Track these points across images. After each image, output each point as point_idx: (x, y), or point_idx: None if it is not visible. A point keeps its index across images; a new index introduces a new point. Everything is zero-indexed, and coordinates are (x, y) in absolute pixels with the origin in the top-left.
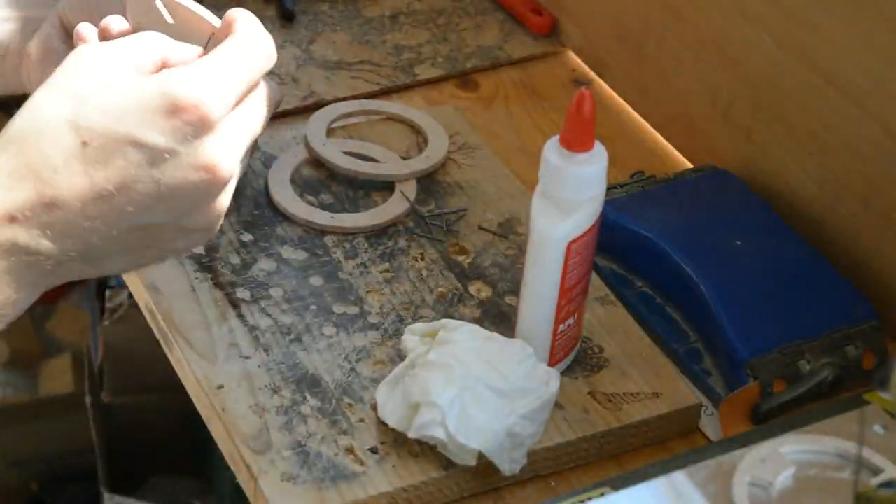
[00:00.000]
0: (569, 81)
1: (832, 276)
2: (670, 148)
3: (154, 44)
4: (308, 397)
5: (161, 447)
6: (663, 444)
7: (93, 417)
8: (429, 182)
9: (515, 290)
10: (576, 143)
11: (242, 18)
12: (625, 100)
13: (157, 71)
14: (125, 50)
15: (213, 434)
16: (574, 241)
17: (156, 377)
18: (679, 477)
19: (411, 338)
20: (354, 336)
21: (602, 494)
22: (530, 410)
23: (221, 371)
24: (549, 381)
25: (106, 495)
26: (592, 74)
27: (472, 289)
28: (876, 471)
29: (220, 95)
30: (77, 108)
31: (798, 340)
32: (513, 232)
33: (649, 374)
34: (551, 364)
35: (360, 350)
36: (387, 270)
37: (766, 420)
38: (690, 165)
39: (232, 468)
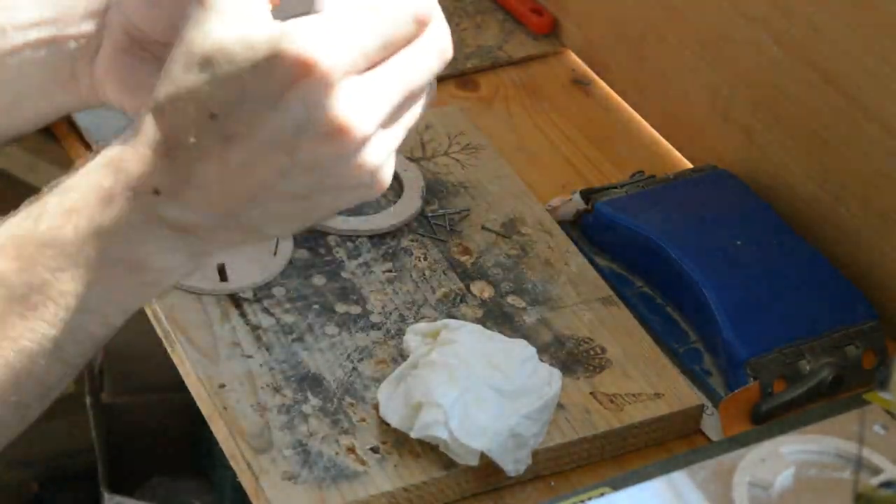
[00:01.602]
0: (569, 81)
1: (832, 276)
2: (670, 148)
3: None
4: (310, 396)
5: (161, 447)
6: (664, 444)
7: (93, 417)
8: (433, 182)
9: (518, 291)
10: None
11: None
12: (625, 100)
13: None
14: None
15: (215, 433)
16: None
17: (156, 377)
18: (679, 477)
19: (413, 338)
20: (356, 335)
21: (602, 494)
22: (532, 410)
23: (223, 370)
24: (551, 381)
25: (106, 495)
26: (592, 74)
27: (475, 289)
28: (876, 471)
29: (338, 48)
30: (199, 78)
31: (798, 340)
32: (516, 232)
33: (651, 374)
34: None
35: (362, 349)
36: (389, 270)
37: (766, 420)
38: (690, 165)
39: (233, 467)
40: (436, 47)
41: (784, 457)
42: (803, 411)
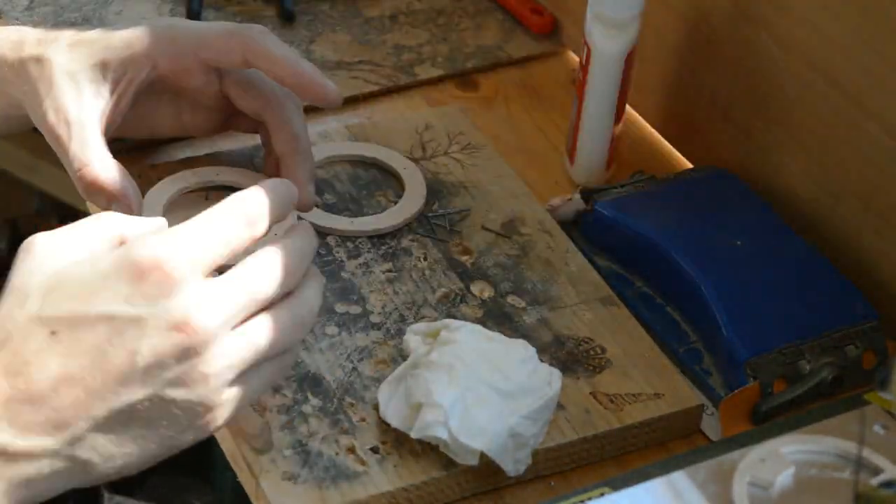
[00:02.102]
0: (569, 81)
1: (832, 276)
2: (670, 148)
3: (107, 223)
4: (310, 396)
5: None
6: (664, 444)
7: None
8: (433, 182)
9: (517, 291)
10: None
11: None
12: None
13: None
14: (78, 234)
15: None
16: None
17: None
18: (679, 477)
19: (413, 338)
20: (356, 335)
21: (602, 494)
22: (533, 410)
23: None
24: (551, 381)
25: (106, 495)
26: None
27: (475, 289)
28: (876, 471)
29: (184, 252)
30: (41, 301)
31: (798, 340)
32: (516, 232)
33: (651, 374)
34: (608, 167)
35: (362, 350)
36: (389, 270)
37: (766, 420)
38: (690, 165)
39: (233, 467)
40: (288, 266)
41: (784, 457)
42: (803, 411)
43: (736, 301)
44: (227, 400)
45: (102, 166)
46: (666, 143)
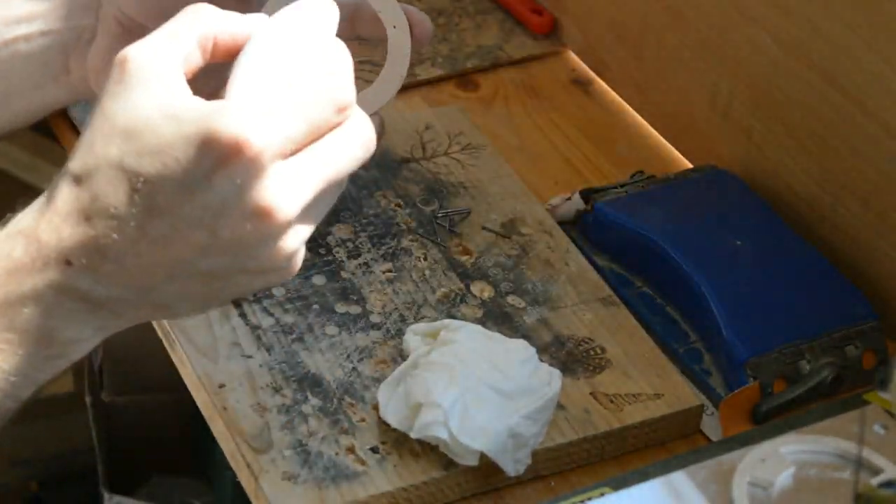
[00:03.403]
0: (569, 81)
1: (832, 276)
2: (670, 148)
3: (199, 25)
4: (309, 396)
5: (161, 447)
6: (664, 444)
7: (93, 417)
8: (433, 182)
9: (517, 291)
10: None
11: (318, 53)
12: (625, 100)
13: (208, 56)
14: (168, 50)
15: (215, 433)
16: None
17: (156, 377)
18: (679, 477)
19: (413, 338)
20: (356, 335)
21: (602, 494)
22: (532, 410)
23: (223, 370)
24: (551, 381)
25: (106, 495)
26: (592, 74)
27: (475, 289)
28: (876, 471)
29: (271, 133)
30: (124, 149)
31: (798, 340)
32: (516, 232)
33: (651, 375)
34: None
35: (362, 350)
36: (389, 270)
37: (766, 420)
38: (690, 165)
39: (233, 467)
40: (359, 136)
41: (784, 457)
42: (803, 411)
43: (736, 301)
44: (300, 255)
45: None
46: (666, 143)
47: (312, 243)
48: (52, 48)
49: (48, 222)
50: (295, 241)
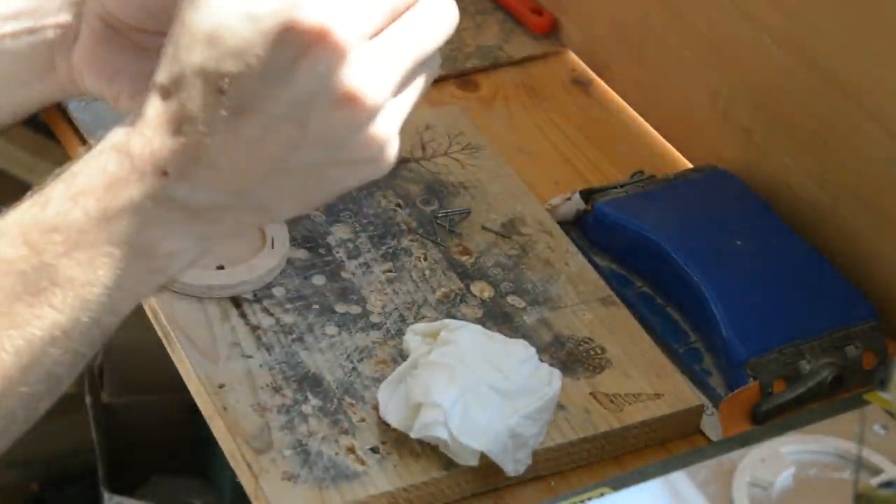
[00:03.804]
0: (569, 81)
1: (832, 276)
2: (670, 148)
3: None
4: (309, 397)
5: (161, 447)
6: (664, 444)
7: (93, 417)
8: (433, 182)
9: (518, 291)
10: None
11: None
12: (625, 100)
13: None
14: None
15: (215, 433)
16: None
17: (156, 377)
18: (679, 477)
19: (413, 338)
20: (356, 335)
21: (602, 494)
22: (533, 410)
23: (223, 370)
24: (551, 381)
25: (106, 495)
26: (592, 74)
27: (475, 289)
28: (876, 471)
29: (349, 15)
30: (206, 52)
31: (798, 340)
32: (516, 232)
33: (651, 375)
34: None
35: (362, 350)
36: (389, 270)
37: (766, 420)
38: (690, 165)
39: (233, 467)
40: (440, 12)
41: (784, 457)
42: (803, 411)
43: (736, 301)
44: (394, 144)
45: None
46: (666, 143)
47: (312, 243)
48: (38, 46)
49: (139, 135)
50: (387, 126)
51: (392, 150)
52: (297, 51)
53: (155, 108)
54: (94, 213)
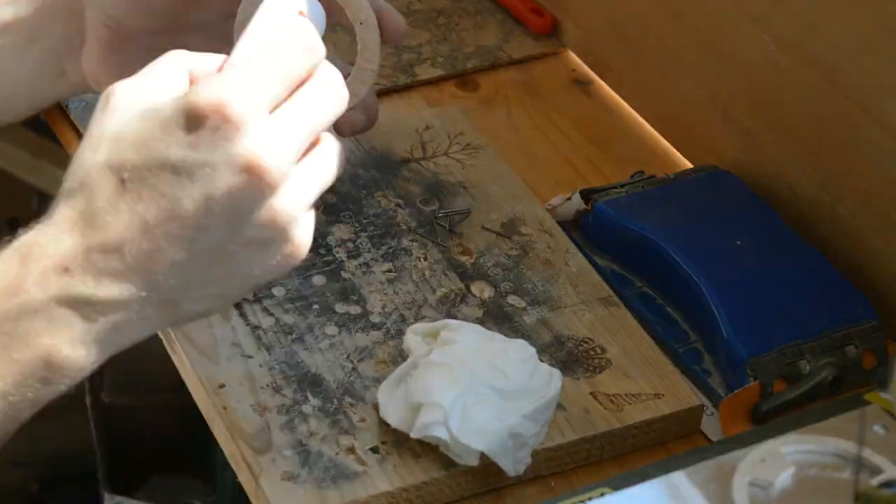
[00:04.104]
0: (569, 81)
1: (832, 276)
2: (670, 148)
3: (178, 62)
4: (309, 397)
5: (161, 447)
6: (664, 444)
7: (93, 417)
8: (433, 182)
9: (517, 291)
10: None
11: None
12: (625, 100)
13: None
14: (151, 79)
15: (215, 433)
16: None
17: (156, 377)
18: (679, 477)
19: (413, 338)
20: (356, 336)
21: (602, 495)
22: (533, 410)
23: (223, 370)
24: (551, 381)
25: (106, 495)
26: (592, 74)
27: (475, 289)
28: (876, 471)
29: (245, 90)
30: (110, 149)
31: (798, 340)
32: (516, 232)
33: (651, 375)
34: None
35: (362, 350)
36: (389, 270)
37: (766, 420)
38: (690, 165)
39: (233, 467)
40: (332, 87)
41: (784, 457)
42: (803, 411)
43: (736, 301)
44: (305, 226)
45: None
46: (666, 143)
47: (313, 243)
48: (43, 54)
49: (45, 235)
50: (291, 201)
51: (302, 232)
52: (197, 128)
53: (61, 210)
54: None
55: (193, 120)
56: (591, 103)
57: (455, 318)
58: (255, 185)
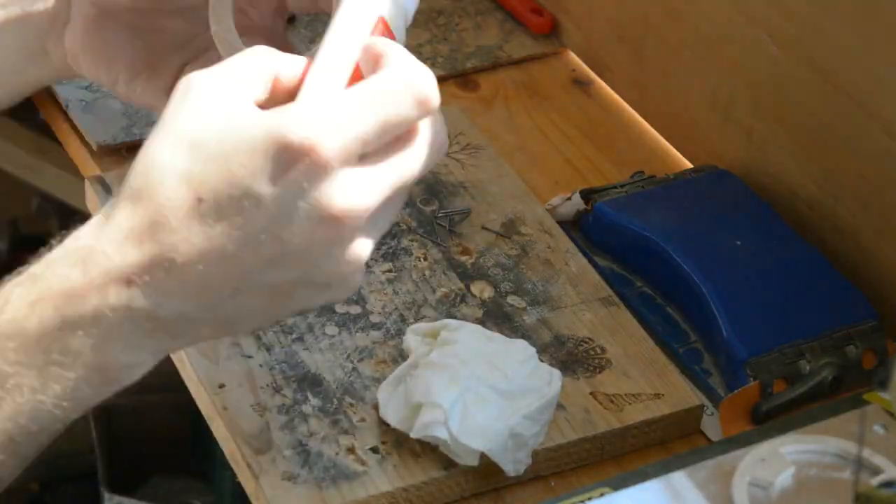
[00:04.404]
0: (569, 81)
1: (832, 276)
2: (670, 148)
3: (263, 62)
4: (309, 397)
5: (161, 447)
6: (664, 444)
7: (93, 417)
8: (433, 182)
9: (517, 291)
10: None
11: (393, 53)
12: (625, 100)
13: (270, 91)
14: (233, 77)
15: (215, 433)
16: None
17: (156, 377)
18: (679, 477)
19: (413, 338)
20: (356, 335)
21: (602, 494)
22: (533, 410)
23: (223, 370)
24: (551, 381)
25: (106, 495)
26: (592, 74)
27: (475, 289)
28: (876, 471)
29: (341, 135)
30: (189, 159)
31: (798, 340)
32: (516, 232)
33: (651, 375)
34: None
35: (362, 350)
36: (389, 270)
37: (766, 420)
38: (690, 165)
39: (233, 467)
40: (433, 147)
41: (784, 457)
42: (803, 411)
43: (736, 301)
44: (362, 272)
45: None
46: (666, 143)
47: None
48: (28, 32)
49: (108, 241)
50: (361, 250)
51: (360, 276)
52: (283, 166)
53: (126, 214)
54: (49, 322)
55: (282, 154)
56: (591, 103)
57: (455, 318)
58: (331, 237)
